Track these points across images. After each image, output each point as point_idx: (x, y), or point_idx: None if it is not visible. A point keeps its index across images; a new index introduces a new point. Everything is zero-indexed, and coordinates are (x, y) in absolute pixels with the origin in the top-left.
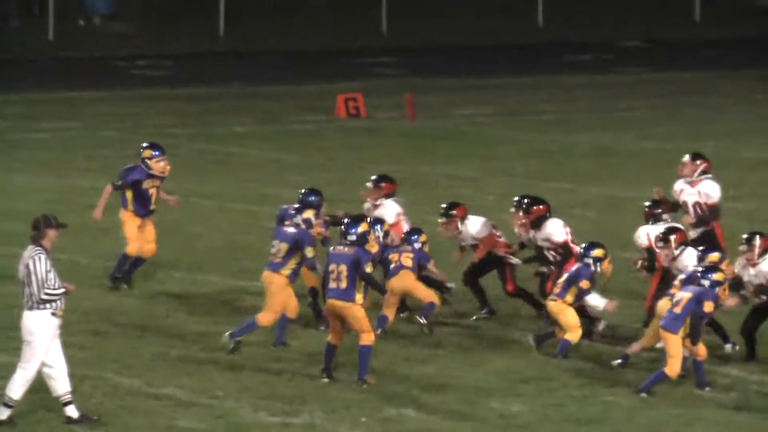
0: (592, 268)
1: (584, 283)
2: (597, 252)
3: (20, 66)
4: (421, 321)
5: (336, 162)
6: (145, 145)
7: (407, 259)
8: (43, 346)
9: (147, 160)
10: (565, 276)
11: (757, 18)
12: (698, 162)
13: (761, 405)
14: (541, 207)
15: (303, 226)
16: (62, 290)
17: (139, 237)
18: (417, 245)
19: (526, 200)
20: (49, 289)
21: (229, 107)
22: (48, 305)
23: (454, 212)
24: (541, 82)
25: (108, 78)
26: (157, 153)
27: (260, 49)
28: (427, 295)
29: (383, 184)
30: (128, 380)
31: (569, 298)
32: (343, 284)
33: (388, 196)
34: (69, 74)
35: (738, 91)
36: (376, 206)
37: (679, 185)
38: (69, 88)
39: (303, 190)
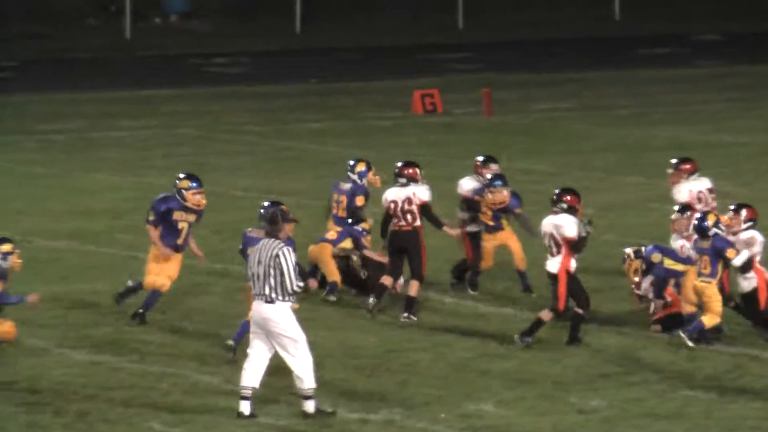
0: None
1: (730, 252)
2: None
3: (98, 65)
4: (331, 298)
5: (413, 158)
6: (182, 175)
7: (334, 234)
8: (299, 332)
9: (183, 191)
10: (705, 257)
11: None
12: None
13: None
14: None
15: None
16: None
17: (158, 271)
18: (359, 228)
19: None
20: (299, 281)
21: (306, 104)
22: (292, 298)
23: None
24: (617, 76)
25: (184, 76)
26: (194, 185)
27: (336, 46)
28: (330, 272)
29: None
30: (208, 378)
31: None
32: None
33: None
34: (146, 73)
35: None
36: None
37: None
38: (146, 87)
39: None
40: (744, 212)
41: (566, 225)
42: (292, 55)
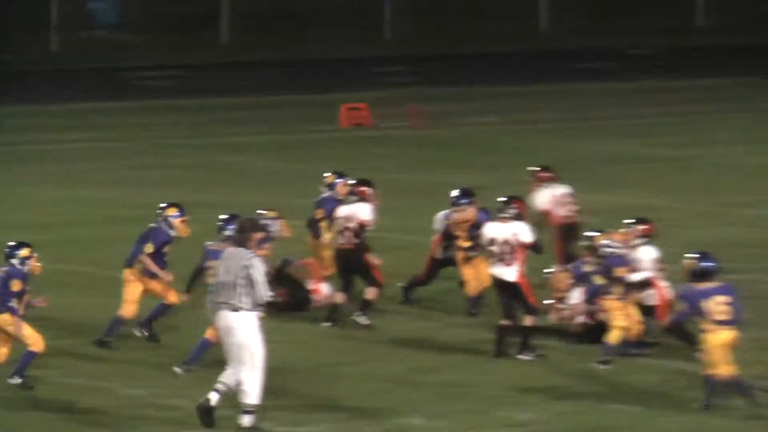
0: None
1: (619, 271)
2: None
3: (24, 78)
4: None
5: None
6: (164, 204)
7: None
8: (258, 344)
9: (170, 218)
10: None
11: (763, 25)
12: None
13: None
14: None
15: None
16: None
17: (138, 299)
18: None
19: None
20: (269, 291)
21: (233, 118)
22: (259, 308)
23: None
24: (546, 90)
25: (113, 89)
26: (180, 213)
27: (264, 60)
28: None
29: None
30: (136, 391)
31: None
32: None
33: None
34: (74, 85)
35: (745, 99)
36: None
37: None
38: (74, 100)
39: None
40: (639, 227)
41: (522, 231)
42: (220, 68)
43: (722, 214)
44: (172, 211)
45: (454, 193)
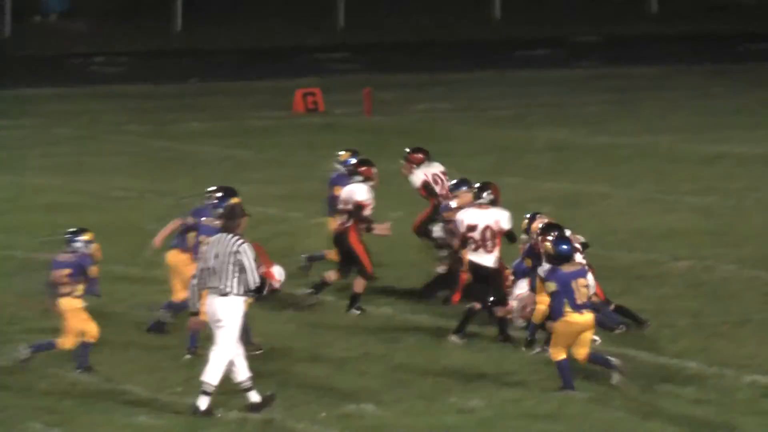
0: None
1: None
2: None
3: None
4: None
5: (292, 158)
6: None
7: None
8: (237, 330)
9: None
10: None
11: (712, 13)
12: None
13: (718, 398)
14: None
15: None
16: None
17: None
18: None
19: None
20: (257, 277)
21: (185, 104)
22: (249, 293)
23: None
24: (496, 77)
25: (64, 75)
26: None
27: (217, 47)
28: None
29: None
30: (86, 377)
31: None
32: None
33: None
34: (25, 72)
35: (692, 86)
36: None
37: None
38: (24, 86)
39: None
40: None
41: (503, 218)
42: (172, 55)
43: (669, 202)
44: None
45: (452, 182)
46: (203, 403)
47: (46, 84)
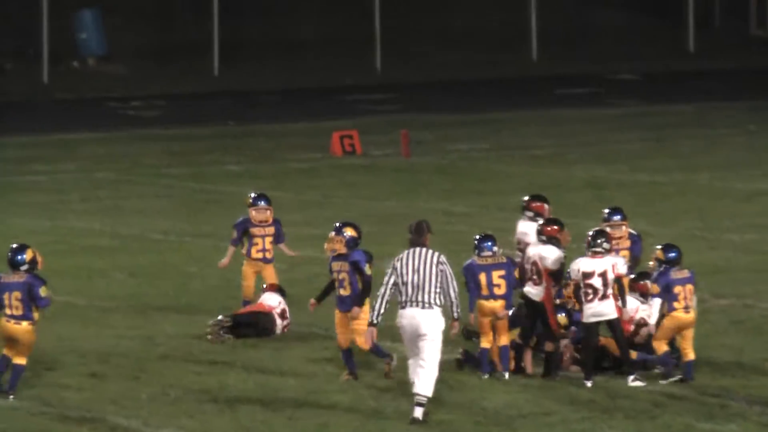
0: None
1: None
2: None
3: (15, 109)
4: None
5: (331, 199)
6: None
7: None
8: (441, 341)
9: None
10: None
11: (750, 49)
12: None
13: None
14: None
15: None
16: None
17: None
18: None
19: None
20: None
21: (224, 146)
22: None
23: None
24: (534, 116)
25: (102, 119)
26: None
27: (254, 89)
28: None
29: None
30: (126, 421)
31: None
32: None
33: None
34: (64, 116)
35: (731, 123)
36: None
37: None
38: (64, 130)
39: None
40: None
41: (549, 256)
42: (210, 97)
43: (709, 239)
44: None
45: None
46: (419, 413)
47: (85, 128)
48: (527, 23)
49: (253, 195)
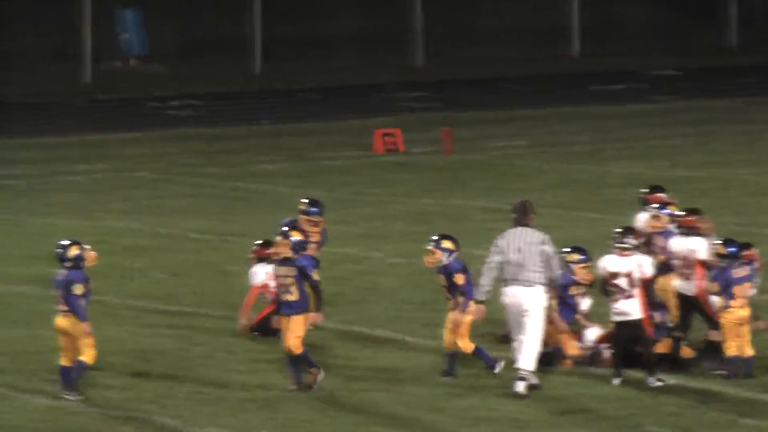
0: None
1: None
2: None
3: (57, 109)
4: None
5: (366, 198)
6: (567, 250)
7: None
8: (543, 317)
9: (571, 265)
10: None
11: None
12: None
13: None
14: None
15: None
16: None
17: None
18: None
19: None
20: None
21: (262, 145)
22: (552, 282)
23: None
24: (572, 112)
25: (142, 119)
26: (583, 257)
27: (296, 87)
28: None
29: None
30: (170, 420)
31: None
32: None
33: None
34: (104, 116)
35: None
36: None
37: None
38: (104, 131)
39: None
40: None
41: (699, 248)
42: (251, 96)
43: (750, 235)
44: (574, 257)
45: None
46: (520, 387)
47: (125, 128)
48: (566, 20)
49: (305, 201)
